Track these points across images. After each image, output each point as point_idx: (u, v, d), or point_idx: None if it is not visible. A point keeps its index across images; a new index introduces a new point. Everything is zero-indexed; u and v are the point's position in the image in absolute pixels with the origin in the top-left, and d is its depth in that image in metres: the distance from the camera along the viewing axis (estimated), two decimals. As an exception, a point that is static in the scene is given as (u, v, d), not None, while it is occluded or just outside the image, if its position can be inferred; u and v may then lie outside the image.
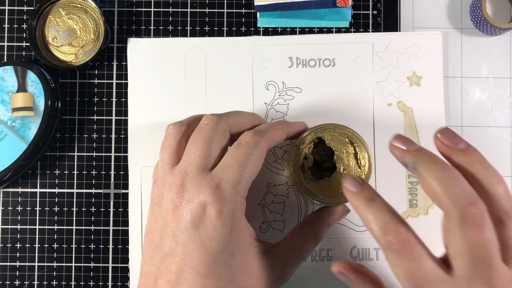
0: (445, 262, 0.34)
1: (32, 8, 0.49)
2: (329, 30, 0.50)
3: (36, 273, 0.48)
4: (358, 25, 0.50)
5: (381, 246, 0.35)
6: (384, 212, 0.35)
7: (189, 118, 0.43)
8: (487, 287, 0.33)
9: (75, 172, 0.49)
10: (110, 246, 0.49)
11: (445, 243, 0.35)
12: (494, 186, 0.34)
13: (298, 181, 0.43)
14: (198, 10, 0.50)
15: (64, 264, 0.48)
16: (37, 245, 0.48)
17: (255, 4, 0.49)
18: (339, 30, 0.50)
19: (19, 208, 0.49)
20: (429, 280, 0.33)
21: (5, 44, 0.49)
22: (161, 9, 0.50)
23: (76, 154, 0.49)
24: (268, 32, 0.50)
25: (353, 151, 0.43)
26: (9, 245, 0.48)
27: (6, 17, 0.49)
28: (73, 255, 0.48)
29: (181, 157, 0.40)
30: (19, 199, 0.49)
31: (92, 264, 0.48)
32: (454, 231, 0.33)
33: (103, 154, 0.49)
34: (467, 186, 0.34)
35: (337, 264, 0.37)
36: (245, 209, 0.39)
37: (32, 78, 0.46)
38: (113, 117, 0.49)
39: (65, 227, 0.49)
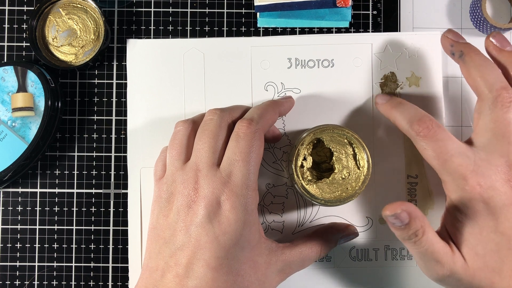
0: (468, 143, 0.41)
1: (32, 8, 0.49)
2: (329, 30, 0.50)
3: (36, 273, 0.48)
4: (358, 25, 0.50)
5: (411, 137, 0.41)
6: (410, 110, 0.42)
7: (196, 116, 0.45)
8: (503, 158, 0.39)
9: (75, 172, 0.49)
10: (110, 246, 0.49)
11: (474, 125, 0.41)
12: None
13: (297, 182, 0.43)
14: (198, 10, 0.50)
15: (64, 264, 0.49)
16: (37, 245, 0.49)
17: (255, 4, 0.49)
18: (339, 30, 0.50)
19: (19, 208, 0.49)
20: (453, 154, 0.39)
21: (5, 44, 0.49)
22: (161, 9, 0.50)
23: (76, 154, 0.49)
24: (268, 32, 0.50)
25: (352, 152, 0.43)
26: (9, 245, 0.49)
27: (6, 17, 0.49)
28: (73, 255, 0.49)
29: (190, 153, 0.41)
30: (19, 199, 0.49)
31: (92, 264, 0.49)
32: (485, 111, 0.40)
33: (103, 154, 0.49)
34: (502, 76, 0.40)
35: (390, 208, 0.38)
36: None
37: (32, 78, 0.47)
38: (113, 117, 0.49)
39: (65, 227, 0.49)
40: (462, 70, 0.42)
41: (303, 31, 0.50)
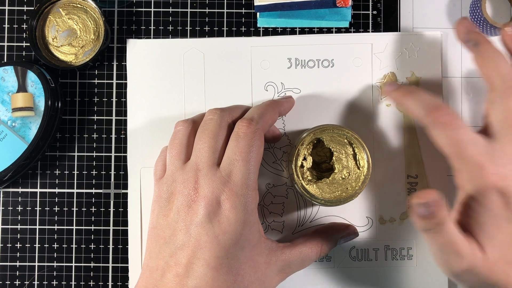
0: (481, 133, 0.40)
1: (32, 8, 0.49)
2: (329, 30, 0.50)
3: (36, 273, 0.48)
4: (358, 25, 0.50)
5: (426, 124, 0.40)
6: (425, 97, 0.41)
7: (196, 115, 0.45)
8: None
9: (75, 172, 0.49)
10: (110, 246, 0.49)
11: (486, 114, 0.41)
12: None
13: (297, 182, 0.43)
14: (198, 10, 0.50)
15: (64, 264, 0.49)
16: (37, 245, 0.49)
17: (255, 4, 0.49)
18: (339, 30, 0.50)
19: (19, 208, 0.49)
20: (468, 143, 0.38)
21: (5, 44, 0.49)
22: (161, 9, 0.50)
23: (76, 154, 0.49)
24: (268, 32, 0.50)
25: (352, 152, 0.43)
26: (9, 245, 0.49)
27: (6, 17, 0.49)
28: (73, 255, 0.49)
29: (190, 153, 0.41)
30: (19, 199, 0.49)
31: (92, 264, 0.49)
32: (497, 101, 0.40)
33: (103, 154, 0.49)
34: None
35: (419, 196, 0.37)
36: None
37: (32, 78, 0.47)
38: (113, 117, 0.49)
39: (65, 227, 0.49)
40: (476, 59, 0.42)
41: (303, 31, 0.50)
